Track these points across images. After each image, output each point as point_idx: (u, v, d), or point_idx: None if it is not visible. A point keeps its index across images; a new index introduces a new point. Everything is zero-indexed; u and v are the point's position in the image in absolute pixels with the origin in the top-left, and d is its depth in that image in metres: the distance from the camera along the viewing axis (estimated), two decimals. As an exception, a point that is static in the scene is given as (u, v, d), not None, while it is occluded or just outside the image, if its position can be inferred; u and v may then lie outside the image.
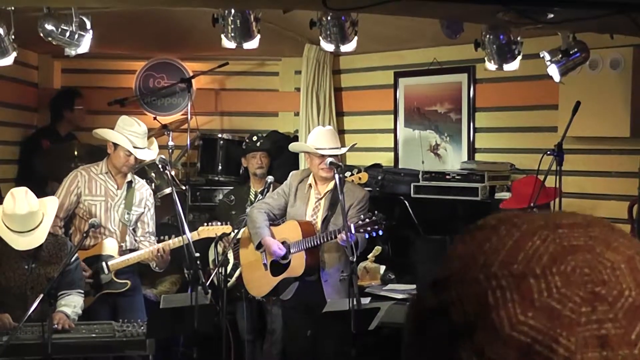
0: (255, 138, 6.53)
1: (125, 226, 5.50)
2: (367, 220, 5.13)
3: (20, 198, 4.81)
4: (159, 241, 5.58)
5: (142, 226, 5.60)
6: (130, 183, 5.55)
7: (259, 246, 5.52)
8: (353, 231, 5.04)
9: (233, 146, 7.03)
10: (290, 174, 5.73)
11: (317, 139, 5.51)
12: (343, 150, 5.58)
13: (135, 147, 5.39)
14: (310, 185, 5.54)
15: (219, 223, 5.65)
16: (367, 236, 5.21)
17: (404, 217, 6.38)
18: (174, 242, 5.40)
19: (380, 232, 5.16)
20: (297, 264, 5.42)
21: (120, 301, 5.42)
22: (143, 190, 5.64)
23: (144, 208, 5.58)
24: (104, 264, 5.38)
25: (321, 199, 5.50)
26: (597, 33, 5.23)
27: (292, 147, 5.92)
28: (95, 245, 5.42)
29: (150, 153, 5.54)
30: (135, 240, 5.55)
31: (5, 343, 4.38)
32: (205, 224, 5.64)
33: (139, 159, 5.50)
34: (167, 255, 5.42)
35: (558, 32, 5.11)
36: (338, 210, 5.30)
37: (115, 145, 5.45)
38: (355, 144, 6.00)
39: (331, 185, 5.45)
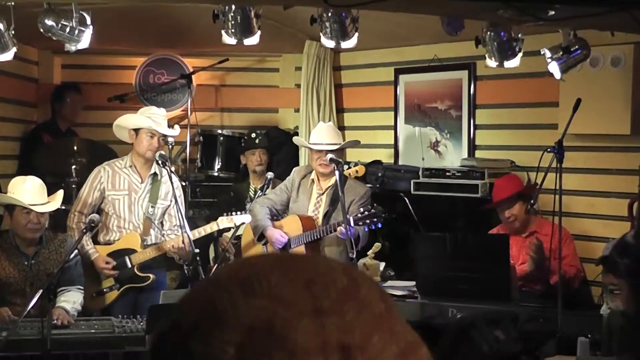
0: (254, 135, 6.53)
1: (149, 220, 5.42)
2: (366, 213, 5.14)
3: (27, 177, 4.99)
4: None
5: (170, 219, 5.46)
6: (155, 176, 5.44)
7: (261, 238, 5.53)
8: (352, 224, 5.06)
9: (233, 142, 7.02)
10: (294, 169, 5.76)
11: (315, 135, 5.54)
12: (336, 146, 5.53)
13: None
14: (312, 180, 5.56)
15: (238, 212, 5.56)
16: (366, 229, 5.22)
17: (404, 213, 6.38)
18: (193, 233, 5.33)
19: (380, 225, 5.17)
20: None
21: (141, 297, 5.30)
22: (169, 183, 5.51)
23: (170, 201, 5.44)
24: (126, 258, 5.34)
25: (323, 194, 5.51)
26: (598, 30, 5.23)
27: (295, 140, 6.09)
28: (118, 239, 5.40)
29: (173, 131, 5.46)
30: (162, 235, 5.46)
31: (5, 338, 4.38)
32: (225, 214, 5.54)
33: (164, 136, 5.37)
34: (189, 246, 5.34)
35: (559, 29, 5.10)
36: (339, 206, 5.31)
37: (137, 132, 5.37)
38: (359, 141, 5.98)
39: (333, 180, 5.46)
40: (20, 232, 4.92)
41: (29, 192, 4.90)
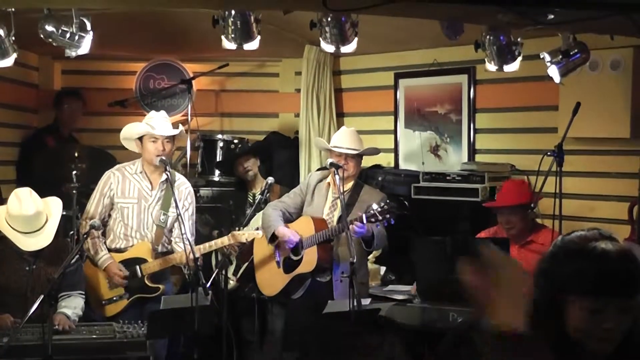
0: (232, 145, 6.60)
1: (161, 228, 5.35)
2: (379, 209, 5.10)
3: (25, 198, 4.81)
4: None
5: (179, 226, 5.32)
6: (167, 182, 5.30)
7: (272, 239, 5.51)
8: (365, 222, 5.05)
9: (233, 147, 7.03)
10: (310, 173, 5.82)
11: (337, 138, 5.58)
12: (356, 151, 5.49)
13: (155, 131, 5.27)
14: (328, 184, 5.57)
15: (252, 228, 5.55)
16: (378, 226, 5.21)
17: (404, 218, 6.37)
18: (204, 246, 5.29)
19: (392, 222, 5.13)
20: (309, 259, 5.42)
21: (149, 307, 5.18)
22: (182, 189, 5.44)
23: (181, 208, 5.31)
24: (137, 267, 5.29)
25: (338, 197, 5.50)
26: (597, 34, 5.23)
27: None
28: (124, 247, 5.33)
29: (174, 130, 5.38)
30: (170, 242, 5.40)
31: (6, 344, 4.38)
32: (237, 229, 5.50)
33: (167, 138, 5.31)
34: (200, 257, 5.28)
35: (558, 33, 5.11)
36: (354, 210, 5.33)
37: (141, 140, 5.35)
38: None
39: (350, 185, 5.48)
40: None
41: (22, 222, 4.78)
